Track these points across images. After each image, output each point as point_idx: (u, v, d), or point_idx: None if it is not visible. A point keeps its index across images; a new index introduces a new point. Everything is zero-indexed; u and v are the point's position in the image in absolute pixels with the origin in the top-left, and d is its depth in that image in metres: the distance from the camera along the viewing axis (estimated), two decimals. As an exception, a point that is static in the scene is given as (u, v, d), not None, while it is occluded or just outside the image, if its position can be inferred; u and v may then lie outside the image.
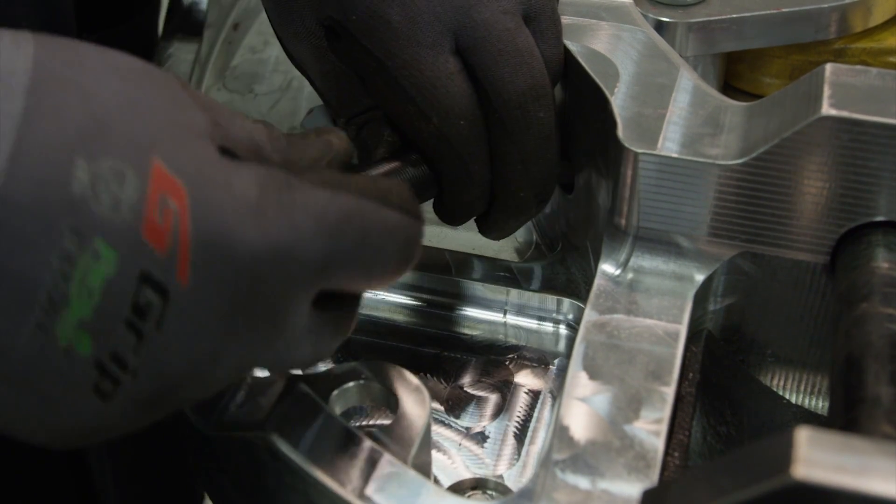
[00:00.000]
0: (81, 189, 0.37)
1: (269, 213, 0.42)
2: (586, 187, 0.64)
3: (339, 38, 0.61)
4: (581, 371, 0.53)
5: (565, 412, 0.51)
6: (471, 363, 0.66)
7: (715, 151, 0.56)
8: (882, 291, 0.51)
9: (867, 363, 0.47)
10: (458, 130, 0.59)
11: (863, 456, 0.37)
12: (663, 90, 0.60)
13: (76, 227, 0.37)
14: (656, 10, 0.75)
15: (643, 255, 0.59)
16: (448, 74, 0.58)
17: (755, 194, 0.56)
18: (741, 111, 0.59)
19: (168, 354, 0.41)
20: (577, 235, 0.67)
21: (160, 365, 0.41)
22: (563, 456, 0.49)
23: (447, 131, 0.59)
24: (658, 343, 0.55)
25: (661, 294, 0.58)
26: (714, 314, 0.61)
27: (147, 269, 0.39)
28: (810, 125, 0.53)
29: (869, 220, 0.55)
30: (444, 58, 0.58)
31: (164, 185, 0.39)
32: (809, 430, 0.38)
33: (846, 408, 0.46)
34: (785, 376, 0.62)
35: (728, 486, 0.39)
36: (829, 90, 0.54)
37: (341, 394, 0.52)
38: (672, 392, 0.52)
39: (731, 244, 0.58)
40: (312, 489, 0.48)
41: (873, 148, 0.53)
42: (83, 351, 0.39)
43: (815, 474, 0.37)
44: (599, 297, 0.58)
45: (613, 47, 0.64)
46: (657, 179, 0.57)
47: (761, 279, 0.58)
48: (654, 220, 0.58)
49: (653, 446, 0.50)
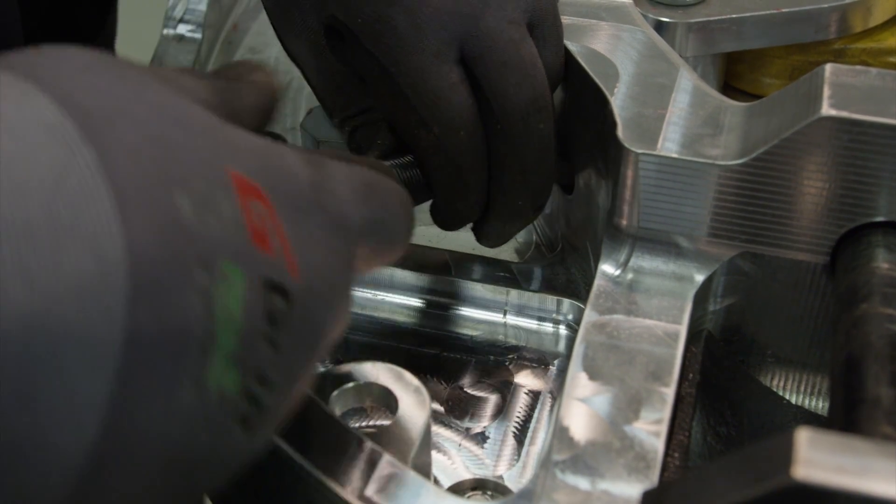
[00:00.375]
0: (190, 219, 0.35)
1: (325, 186, 0.42)
2: (586, 188, 0.64)
3: (342, 39, 0.60)
4: (581, 371, 0.53)
5: (565, 413, 0.51)
6: (471, 364, 0.66)
7: (715, 152, 0.56)
8: (882, 292, 0.51)
9: (867, 364, 0.47)
10: (457, 141, 0.59)
11: (863, 457, 0.37)
12: (663, 90, 0.60)
13: (202, 259, 0.35)
14: (656, 11, 0.75)
15: (643, 256, 0.59)
16: (451, 85, 0.58)
17: (755, 194, 0.56)
18: (741, 111, 0.59)
19: (297, 355, 0.40)
20: (577, 236, 0.67)
21: (293, 369, 0.39)
22: (562, 457, 0.49)
23: (447, 142, 0.59)
24: (658, 343, 0.55)
25: (661, 294, 0.58)
26: (714, 315, 0.60)
27: (267, 274, 0.37)
28: (810, 125, 0.53)
29: (869, 220, 0.55)
30: (448, 67, 0.58)
31: (246, 190, 0.38)
32: (809, 431, 0.38)
33: (846, 409, 0.46)
34: (785, 377, 0.62)
35: (728, 487, 0.39)
36: (828, 90, 0.54)
37: (341, 394, 0.52)
38: (672, 393, 0.52)
39: (731, 244, 0.58)
40: (312, 490, 0.48)
41: (873, 148, 0.53)
42: (232, 388, 0.36)
43: (815, 475, 0.37)
44: (599, 298, 0.58)
45: (613, 47, 0.64)
46: (657, 180, 0.57)
47: (761, 279, 0.58)
48: (653, 220, 0.58)
49: (653, 447, 0.49)
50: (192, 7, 0.91)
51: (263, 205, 0.38)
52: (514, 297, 0.68)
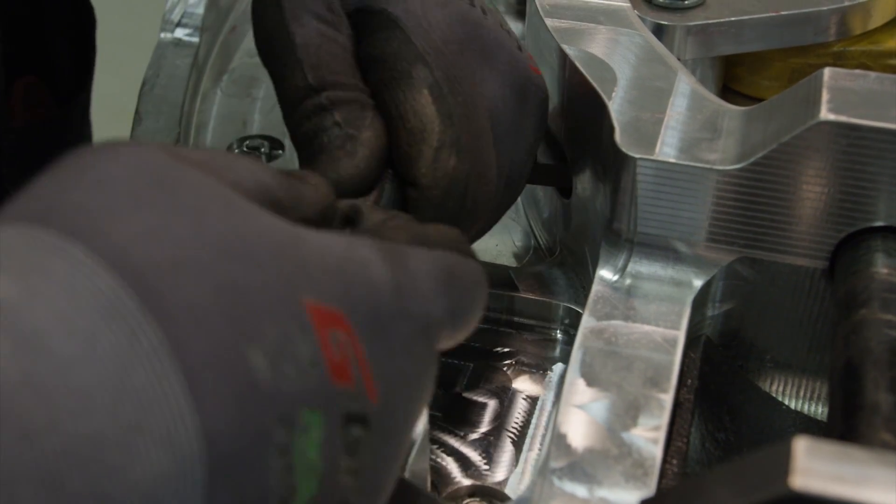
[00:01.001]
0: (265, 375, 0.33)
1: (407, 288, 0.41)
2: (584, 192, 0.64)
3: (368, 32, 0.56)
4: (579, 378, 0.53)
5: (563, 419, 0.51)
6: (468, 369, 0.65)
7: (713, 156, 0.56)
8: (881, 297, 0.51)
9: (866, 369, 0.47)
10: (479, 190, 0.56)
11: (861, 466, 0.37)
12: (661, 94, 0.60)
13: (281, 416, 0.33)
14: (654, 14, 0.75)
15: (641, 261, 0.59)
16: (490, 138, 0.57)
17: (753, 199, 0.55)
18: (739, 115, 0.59)
19: (379, 472, 0.39)
20: (575, 241, 0.67)
21: (376, 485, 0.39)
22: (560, 464, 0.49)
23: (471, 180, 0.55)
24: (656, 349, 0.54)
25: (660, 300, 0.57)
26: (712, 320, 0.60)
27: (346, 408, 0.36)
28: (809, 130, 0.53)
29: (868, 225, 0.54)
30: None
31: (325, 320, 0.36)
32: (807, 440, 0.38)
33: (845, 415, 0.46)
34: (784, 382, 0.62)
35: (726, 497, 0.39)
36: (827, 94, 0.53)
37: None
38: (670, 399, 0.52)
39: (730, 249, 0.57)
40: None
41: (872, 153, 0.52)
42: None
43: (812, 484, 0.36)
44: (597, 303, 0.57)
45: (611, 51, 0.63)
46: (655, 185, 0.56)
47: (760, 284, 0.58)
48: (652, 225, 0.58)
49: (651, 454, 0.49)
50: (189, 10, 0.91)
51: (344, 332, 0.37)
52: (512, 302, 0.67)
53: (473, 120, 0.55)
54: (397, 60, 0.55)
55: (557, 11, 0.66)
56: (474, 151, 0.55)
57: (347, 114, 0.53)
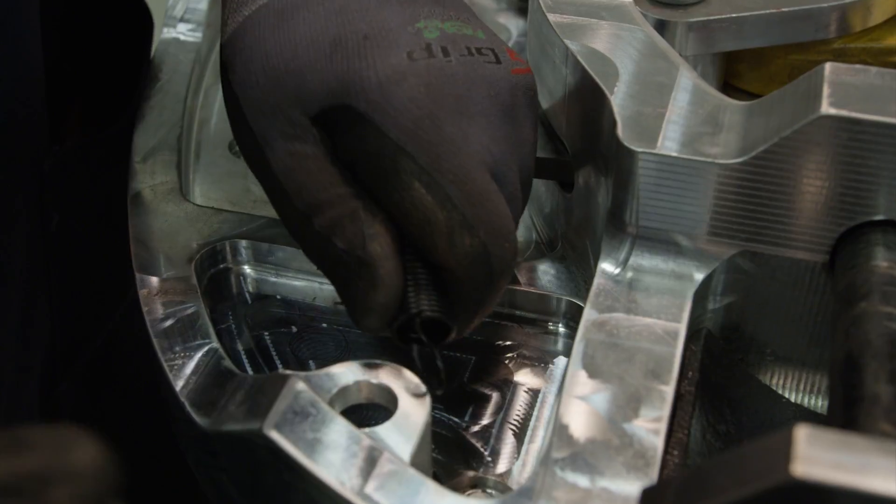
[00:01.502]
0: None
1: None
2: (586, 186, 0.64)
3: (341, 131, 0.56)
4: (580, 370, 0.53)
5: (565, 411, 0.51)
6: (471, 362, 0.66)
7: (714, 150, 0.56)
8: (881, 290, 0.51)
9: (866, 362, 0.48)
10: (503, 250, 0.56)
11: (862, 454, 0.37)
12: (663, 89, 0.60)
13: None
14: (656, 10, 0.75)
15: (643, 254, 0.59)
16: (495, 190, 0.56)
17: (754, 193, 0.56)
18: (740, 110, 0.59)
19: None
20: (577, 234, 0.67)
21: None
22: (562, 454, 0.49)
23: (493, 248, 0.55)
24: (657, 342, 0.55)
25: (661, 293, 0.58)
26: (713, 313, 0.61)
27: None
28: (810, 124, 0.53)
29: (868, 218, 0.55)
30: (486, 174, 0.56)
31: None
32: (808, 428, 0.38)
33: (845, 406, 0.46)
34: (784, 375, 0.62)
35: (727, 485, 0.39)
36: (828, 89, 0.54)
37: (341, 392, 0.52)
38: (671, 391, 0.52)
39: (731, 243, 0.58)
40: (312, 487, 0.48)
41: (872, 147, 0.53)
42: None
43: (813, 472, 0.37)
44: (599, 296, 0.58)
45: (613, 46, 0.64)
46: (657, 178, 0.57)
47: (761, 278, 0.58)
48: (653, 218, 0.58)
49: (652, 445, 0.50)
50: (192, 6, 0.91)
51: None
52: (513, 296, 0.68)
53: (472, 185, 0.55)
54: (379, 158, 0.55)
55: (560, 7, 0.67)
56: (484, 216, 0.55)
57: (348, 235, 0.55)
